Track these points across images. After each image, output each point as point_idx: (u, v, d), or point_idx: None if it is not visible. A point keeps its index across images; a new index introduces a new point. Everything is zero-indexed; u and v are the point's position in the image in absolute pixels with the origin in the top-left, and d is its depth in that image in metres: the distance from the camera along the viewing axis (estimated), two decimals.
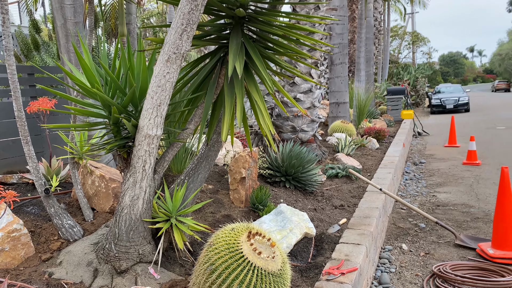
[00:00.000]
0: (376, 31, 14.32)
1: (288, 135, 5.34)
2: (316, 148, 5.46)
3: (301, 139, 5.34)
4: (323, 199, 3.99)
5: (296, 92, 5.27)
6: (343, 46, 7.91)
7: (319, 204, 3.84)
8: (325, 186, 4.50)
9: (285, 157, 3.95)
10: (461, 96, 21.06)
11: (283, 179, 3.90)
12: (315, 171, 4.15)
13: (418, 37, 37.26)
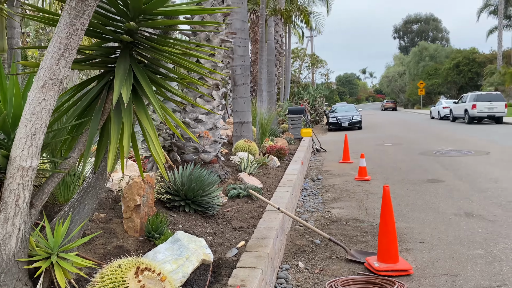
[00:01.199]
0: (277, 53, 14.99)
1: (190, 156, 5.27)
2: (219, 169, 5.47)
3: (204, 160, 5.31)
4: (223, 222, 3.99)
5: (198, 113, 5.25)
6: (245, 68, 8.11)
7: (219, 228, 3.82)
8: (226, 208, 4.51)
9: (185, 180, 3.88)
10: (355, 114, 22.88)
11: (183, 203, 3.82)
12: (216, 193, 4.14)
13: (316, 59, 39.82)
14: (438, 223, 5.10)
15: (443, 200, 6.20)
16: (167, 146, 5.35)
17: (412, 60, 58.56)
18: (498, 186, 6.87)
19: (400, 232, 4.82)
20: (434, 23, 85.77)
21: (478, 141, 13.78)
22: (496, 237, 4.46)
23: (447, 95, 48.40)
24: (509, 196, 6.18)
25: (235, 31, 8.02)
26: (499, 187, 6.76)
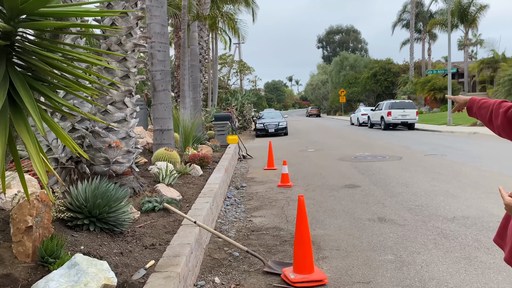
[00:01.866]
0: (202, 58, 14.80)
1: (101, 167, 4.91)
2: (133, 181, 5.16)
3: (116, 172, 4.98)
4: (134, 240, 3.72)
5: (109, 121, 4.91)
6: (166, 73, 7.84)
7: (127, 246, 3.55)
8: (139, 223, 4.24)
9: (89, 196, 3.57)
10: (281, 121, 23.36)
11: (87, 221, 3.50)
12: (126, 208, 3.86)
13: (244, 66, 40.22)
14: (353, 229, 5.24)
15: (359, 205, 6.43)
16: (75, 157, 4.93)
17: (334, 69, 61.45)
18: (409, 190, 7.29)
19: (317, 240, 4.87)
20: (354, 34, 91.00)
21: (392, 146, 14.68)
22: (405, 242, 4.68)
23: (366, 102, 51.38)
24: (417, 200, 6.57)
25: (154, 35, 7.73)
26: (409, 191, 7.18)
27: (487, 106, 2.01)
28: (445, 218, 5.50)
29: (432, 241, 4.67)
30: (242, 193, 7.72)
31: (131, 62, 4.94)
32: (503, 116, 1.90)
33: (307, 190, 7.74)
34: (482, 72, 35.55)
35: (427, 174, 8.77)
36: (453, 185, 7.51)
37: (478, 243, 4.53)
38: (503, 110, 1.91)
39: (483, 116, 2.02)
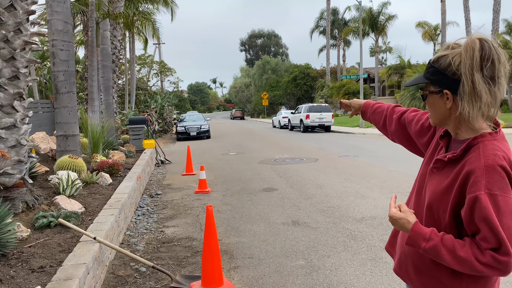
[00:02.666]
0: (116, 59, 14.03)
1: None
2: (26, 194, 4.62)
3: (5, 184, 4.42)
4: (19, 262, 3.29)
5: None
6: (69, 74, 7.23)
7: (10, 271, 3.12)
8: (29, 242, 3.77)
9: None
10: (203, 124, 23.05)
11: None
12: (10, 227, 3.40)
13: (165, 67, 39.20)
14: (267, 235, 5.20)
15: (275, 209, 6.43)
16: None
17: (257, 72, 62.43)
18: (322, 192, 7.48)
19: (230, 249, 4.74)
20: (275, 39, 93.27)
21: (310, 148, 15.14)
22: (316, 245, 4.72)
23: (287, 105, 52.86)
24: (330, 201, 6.74)
25: (56, 32, 7.09)
26: (323, 193, 7.36)
27: (381, 111, 1.98)
28: (355, 219, 5.68)
29: (341, 243, 4.76)
30: (156, 202, 7.38)
31: (21, 61, 4.41)
32: (396, 122, 1.89)
33: (225, 196, 7.61)
34: (391, 77, 38.30)
35: (340, 175, 9.10)
36: (363, 186, 7.85)
37: (384, 243, 4.71)
38: (396, 116, 1.90)
39: (377, 121, 2.00)
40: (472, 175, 1.33)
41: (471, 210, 1.33)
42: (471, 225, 1.35)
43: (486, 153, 1.35)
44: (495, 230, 1.28)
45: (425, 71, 1.50)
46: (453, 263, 1.34)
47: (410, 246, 1.44)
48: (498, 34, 28.49)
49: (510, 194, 1.31)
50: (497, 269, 1.31)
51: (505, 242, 1.29)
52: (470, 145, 1.40)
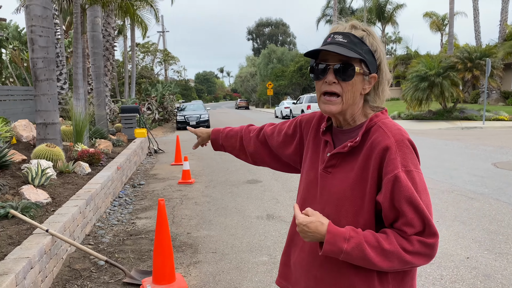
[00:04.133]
0: (110, 46, 13.87)
1: None
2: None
3: None
4: None
5: None
6: (49, 61, 7.08)
7: None
8: None
9: None
10: (202, 113, 22.91)
11: None
12: None
13: (169, 55, 38.98)
14: (238, 228, 5.05)
15: (253, 202, 6.28)
16: None
17: (262, 61, 61.96)
18: None
19: (197, 242, 4.61)
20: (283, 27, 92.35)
21: None
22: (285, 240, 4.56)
23: (292, 95, 52.44)
24: None
25: (35, 18, 6.92)
26: None
27: (235, 134, 1.82)
28: None
29: None
30: (137, 192, 7.26)
31: None
32: (255, 141, 1.75)
33: (208, 187, 7.47)
34: (397, 67, 37.72)
35: None
36: None
37: None
38: (253, 134, 1.76)
39: (233, 146, 1.82)
40: (386, 154, 1.20)
41: (391, 192, 1.17)
42: (392, 211, 1.19)
43: (390, 129, 1.24)
44: (420, 210, 1.15)
45: (352, 46, 1.24)
46: (380, 261, 1.15)
47: (328, 253, 1.19)
48: (506, 25, 27.82)
49: (420, 169, 1.22)
50: (425, 255, 1.17)
51: (430, 222, 1.16)
52: (368, 127, 1.28)
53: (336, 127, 1.38)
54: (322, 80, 1.28)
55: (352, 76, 1.24)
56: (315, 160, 1.40)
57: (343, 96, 1.26)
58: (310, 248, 1.36)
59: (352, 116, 1.32)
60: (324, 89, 1.28)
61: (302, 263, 1.39)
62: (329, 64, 1.25)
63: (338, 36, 1.26)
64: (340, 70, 1.24)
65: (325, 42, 1.29)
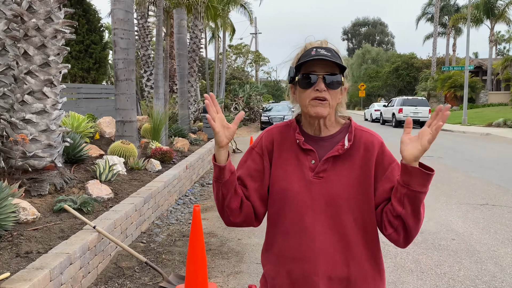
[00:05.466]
0: (196, 48, 14.38)
1: (18, 161, 4.59)
2: (55, 176, 4.82)
3: (34, 167, 4.65)
4: (9, 245, 3.37)
5: (27, 113, 4.57)
6: (129, 62, 7.47)
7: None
8: (37, 225, 3.89)
9: None
10: (286, 114, 22.80)
11: None
12: (10, 209, 3.52)
13: (259, 56, 39.60)
14: None
15: None
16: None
17: (355, 62, 60.08)
18: None
19: (244, 250, 4.44)
20: (381, 27, 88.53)
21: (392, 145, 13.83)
22: None
23: (386, 97, 50.02)
24: None
25: (117, 21, 7.35)
26: None
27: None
28: None
29: None
30: (204, 191, 7.33)
31: (51, 49, 4.56)
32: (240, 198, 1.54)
33: None
34: (507, 69, 33.82)
35: None
36: (429, 193, 6.89)
37: (416, 264, 3.99)
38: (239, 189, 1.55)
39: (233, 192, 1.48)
40: (382, 149, 1.41)
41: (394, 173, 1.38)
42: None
43: (371, 131, 1.45)
44: None
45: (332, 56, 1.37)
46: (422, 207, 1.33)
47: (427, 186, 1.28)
48: None
49: None
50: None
51: None
52: (353, 131, 1.42)
53: (313, 136, 1.43)
54: (311, 88, 1.35)
55: (339, 84, 1.39)
56: (295, 171, 1.40)
57: (330, 101, 1.36)
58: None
59: (330, 121, 1.43)
60: (316, 95, 1.35)
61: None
62: (319, 74, 1.35)
63: (321, 50, 1.36)
64: (329, 80, 1.36)
65: (310, 55, 1.36)
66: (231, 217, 1.44)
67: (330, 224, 1.34)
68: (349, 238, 1.35)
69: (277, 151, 1.45)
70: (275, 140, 1.47)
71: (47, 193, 4.66)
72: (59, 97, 4.84)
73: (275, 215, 1.43)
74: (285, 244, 1.39)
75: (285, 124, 1.51)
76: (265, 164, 1.46)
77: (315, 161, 1.38)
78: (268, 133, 1.51)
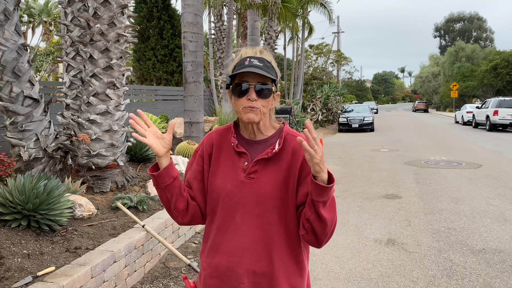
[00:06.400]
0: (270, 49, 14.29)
1: (84, 159, 4.87)
2: (117, 175, 5.04)
3: (98, 165, 4.90)
4: (62, 240, 3.54)
5: (92, 113, 4.83)
6: (197, 65, 7.62)
7: (48, 247, 3.38)
8: (92, 221, 4.07)
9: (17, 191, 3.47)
10: (366, 116, 21.86)
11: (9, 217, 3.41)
12: (65, 205, 3.71)
13: (341, 56, 38.57)
14: (347, 250, 4.45)
15: (380, 220, 5.50)
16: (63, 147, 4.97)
17: (447, 60, 55.93)
18: (455, 207, 6.06)
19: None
20: (478, 22, 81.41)
21: (482, 151, 12.66)
22: (394, 275, 3.79)
23: (482, 98, 45.81)
24: (455, 221, 5.40)
25: (186, 25, 7.54)
26: (454, 209, 5.96)
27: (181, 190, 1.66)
28: (470, 249, 4.37)
29: (429, 278, 3.71)
30: None
31: (114, 53, 4.77)
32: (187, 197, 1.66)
33: (339, 197, 6.93)
34: None
35: (495, 189, 7.25)
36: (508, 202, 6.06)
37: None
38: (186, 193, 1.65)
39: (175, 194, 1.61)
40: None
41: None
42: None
43: (299, 135, 1.47)
44: None
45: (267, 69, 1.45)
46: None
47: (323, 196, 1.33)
48: None
49: None
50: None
51: None
52: (284, 136, 1.50)
53: (248, 139, 1.52)
54: (244, 97, 1.43)
55: (270, 94, 1.46)
56: (230, 171, 1.49)
57: (261, 109, 1.44)
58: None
59: (264, 126, 1.51)
60: (248, 104, 1.44)
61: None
62: (251, 84, 1.43)
63: (254, 60, 1.44)
64: (260, 89, 1.43)
65: (244, 65, 1.43)
66: (179, 217, 1.56)
67: (258, 222, 1.44)
68: (273, 235, 1.44)
69: (216, 153, 1.54)
70: (214, 143, 1.56)
71: (108, 190, 4.88)
72: (122, 99, 5.04)
73: (211, 211, 1.53)
74: (217, 238, 1.50)
75: (225, 128, 1.59)
76: (205, 167, 1.55)
77: (248, 162, 1.47)
78: (209, 137, 1.60)
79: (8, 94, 4.70)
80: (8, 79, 4.68)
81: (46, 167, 4.93)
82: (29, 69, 4.83)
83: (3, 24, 4.62)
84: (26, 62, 4.80)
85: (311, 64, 37.37)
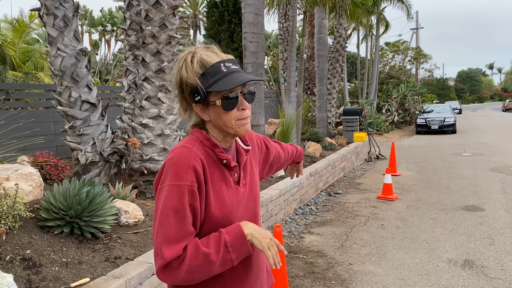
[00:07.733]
0: (340, 47, 13.66)
1: (136, 164, 4.84)
2: None
3: (150, 169, 4.83)
4: (103, 248, 3.46)
5: (144, 117, 4.77)
6: (258, 66, 7.37)
7: (89, 255, 3.31)
8: (139, 228, 3.97)
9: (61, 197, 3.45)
10: (447, 117, 20.20)
11: (52, 223, 3.39)
12: (109, 212, 3.64)
13: (420, 53, 36.28)
14: (414, 271, 3.90)
15: (457, 237, 4.82)
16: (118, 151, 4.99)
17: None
18: None
19: (352, 279, 3.78)
20: None
21: None
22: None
23: None
24: None
25: (247, 25, 7.33)
26: None
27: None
28: None
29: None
30: (329, 202, 6.76)
31: (166, 55, 4.66)
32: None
33: (409, 208, 6.27)
34: None
35: None
36: None
37: None
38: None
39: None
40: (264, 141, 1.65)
41: None
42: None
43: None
44: None
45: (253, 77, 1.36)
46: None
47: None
48: None
49: None
50: None
51: None
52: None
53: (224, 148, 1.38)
54: (235, 109, 1.28)
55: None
56: (227, 188, 1.36)
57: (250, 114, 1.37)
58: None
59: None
60: (242, 116, 1.30)
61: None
62: (239, 93, 1.28)
63: (230, 64, 1.28)
64: (249, 94, 1.32)
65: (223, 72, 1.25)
66: None
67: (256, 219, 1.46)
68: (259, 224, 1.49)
69: (209, 177, 1.31)
70: (204, 168, 1.29)
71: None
72: (175, 103, 4.93)
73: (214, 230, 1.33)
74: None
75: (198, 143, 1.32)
76: (201, 199, 1.28)
77: (237, 174, 1.39)
78: (194, 162, 1.27)
79: (67, 99, 4.82)
80: (67, 84, 4.80)
81: (102, 171, 4.98)
82: (87, 74, 4.92)
83: (63, 30, 4.75)
84: (84, 67, 4.89)
85: (387, 62, 35.65)
